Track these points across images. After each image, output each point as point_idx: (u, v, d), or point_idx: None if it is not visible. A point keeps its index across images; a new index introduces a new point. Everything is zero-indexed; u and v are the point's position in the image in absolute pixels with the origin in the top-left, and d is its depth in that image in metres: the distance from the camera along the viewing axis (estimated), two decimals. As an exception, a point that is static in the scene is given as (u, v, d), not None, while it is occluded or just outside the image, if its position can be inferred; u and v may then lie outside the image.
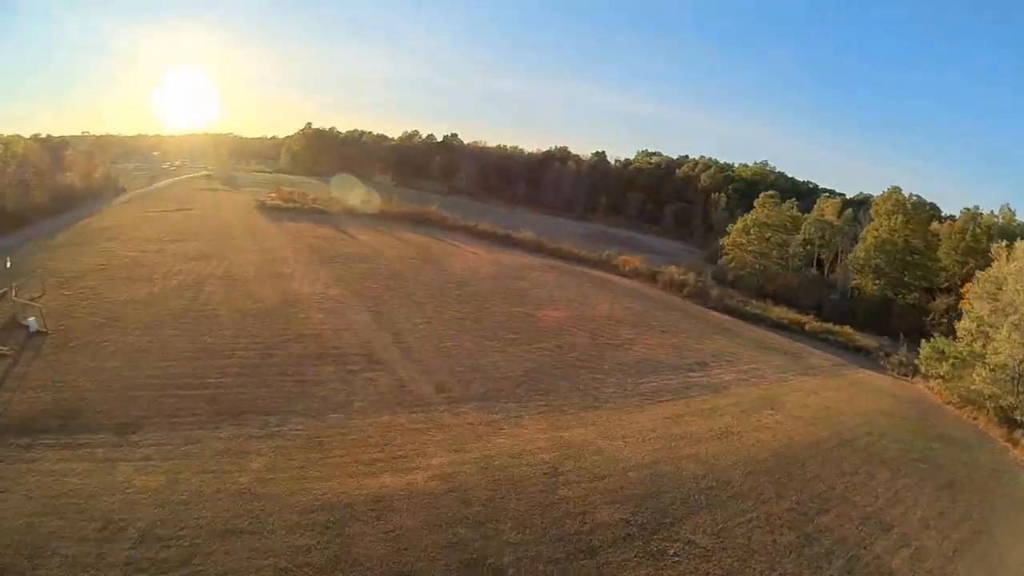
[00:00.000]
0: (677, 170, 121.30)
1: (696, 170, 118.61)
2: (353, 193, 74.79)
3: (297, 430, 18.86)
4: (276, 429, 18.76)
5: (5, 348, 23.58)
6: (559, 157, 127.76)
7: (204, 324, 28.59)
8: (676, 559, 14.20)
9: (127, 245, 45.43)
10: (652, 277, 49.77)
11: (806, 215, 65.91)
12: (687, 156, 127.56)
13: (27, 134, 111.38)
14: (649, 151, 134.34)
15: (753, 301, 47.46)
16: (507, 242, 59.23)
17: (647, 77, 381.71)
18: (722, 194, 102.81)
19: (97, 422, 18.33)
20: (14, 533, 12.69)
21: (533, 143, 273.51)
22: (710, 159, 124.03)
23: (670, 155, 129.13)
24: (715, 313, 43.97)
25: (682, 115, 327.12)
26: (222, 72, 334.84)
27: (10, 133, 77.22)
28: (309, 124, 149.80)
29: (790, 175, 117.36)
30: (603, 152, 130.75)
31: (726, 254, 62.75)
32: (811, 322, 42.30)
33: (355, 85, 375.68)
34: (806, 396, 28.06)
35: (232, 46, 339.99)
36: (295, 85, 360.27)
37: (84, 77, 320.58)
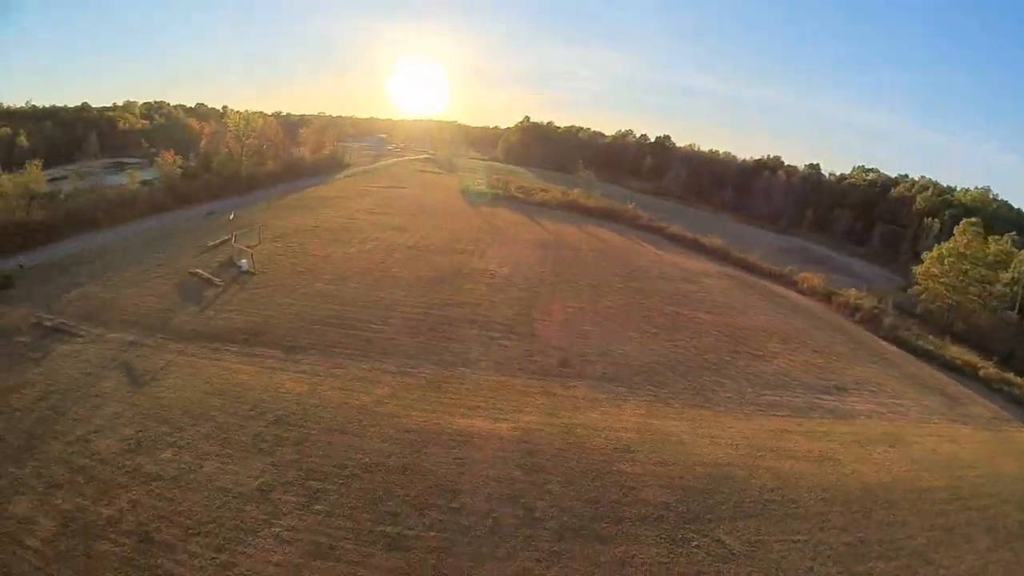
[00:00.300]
0: (892, 189, 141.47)
1: (912, 191, 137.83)
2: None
3: (425, 373, 25.97)
4: (408, 370, 26.12)
5: (219, 280, 37.48)
6: (770, 166, 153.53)
7: (383, 282, 39.48)
8: (695, 551, 17.28)
9: (338, 212, 64.20)
10: (828, 297, 59.27)
11: (1022, 251, 74.45)
12: (906, 175, 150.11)
13: (269, 111, 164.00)
14: (866, 167, 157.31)
15: (930, 336, 54.77)
16: (694, 246, 71.78)
17: (874, 86, 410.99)
18: (936, 219, 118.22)
19: (272, 342, 28.53)
20: (188, 403, 22.08)
21: (746, 149, 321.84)
22: (928, 180, 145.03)
23: (888, 173, 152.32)
24: (883, 342, 49.53)
25: (906, 129, 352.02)
26: (453, 64, 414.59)
27: (255, 110, 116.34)
28: (527, 118, 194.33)
29: (1015, 205, 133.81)
30: (817, 164, 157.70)
31: (917, 283, 72.06)
32: (988, 368, 47.39)
33: (578, 82, 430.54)
34: (941, 442, 30.44)
35: (464, 40, 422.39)
36: (520, 80, 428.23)
37: (327, 62, 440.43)
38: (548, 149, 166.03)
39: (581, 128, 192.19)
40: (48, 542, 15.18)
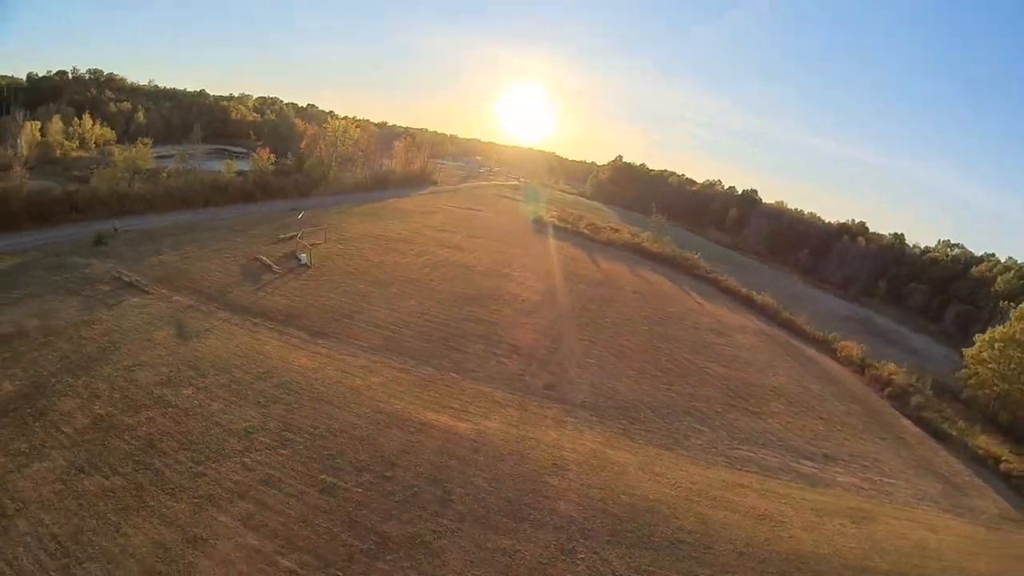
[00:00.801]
0: (973, 267, 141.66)
1: (993, 271, 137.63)
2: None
3: (420, 373, 30.36)
4: (407, 368, 30.62)
5: (277, 268, 44.13)
6: (853, 231, 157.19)
7: (419, 292, 44.59)
8: (578, 562, 19.71)
9: (407, 225, 70.64)
10: (862, 368, 59.93)
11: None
12: (992, 254, 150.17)
13: (377, 120, 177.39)
14: (951, 241, 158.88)
15: (960, 422, 53.70)
16: (745, 302, 75.16)
17: (975, 161, 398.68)
18: (1011, 303, 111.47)
19: (303, 325, 34.04)
20: (216, 358, 27.67)
21: (835, 211, 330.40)
22: (1013, 261, 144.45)
23: (972, 250, 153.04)
24: (904, 421, 49.77)
25: (1002, 208, 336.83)
26: (562, 95, 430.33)
27: (362, 117, 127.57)
28: (620, 157, 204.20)
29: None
30: (902, 235, 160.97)
31: (966, 367, 70.78)
32: (1011, 461, 46.40)
33: (684, 126, 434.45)
34: (914, 528, 30.22)
35: (579, 73, 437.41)
36: (627, 118, 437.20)
37: (443, 81, 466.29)
38: (635, 190, 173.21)
39: (672, 173, 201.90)
40: (79, 431, 21.01)
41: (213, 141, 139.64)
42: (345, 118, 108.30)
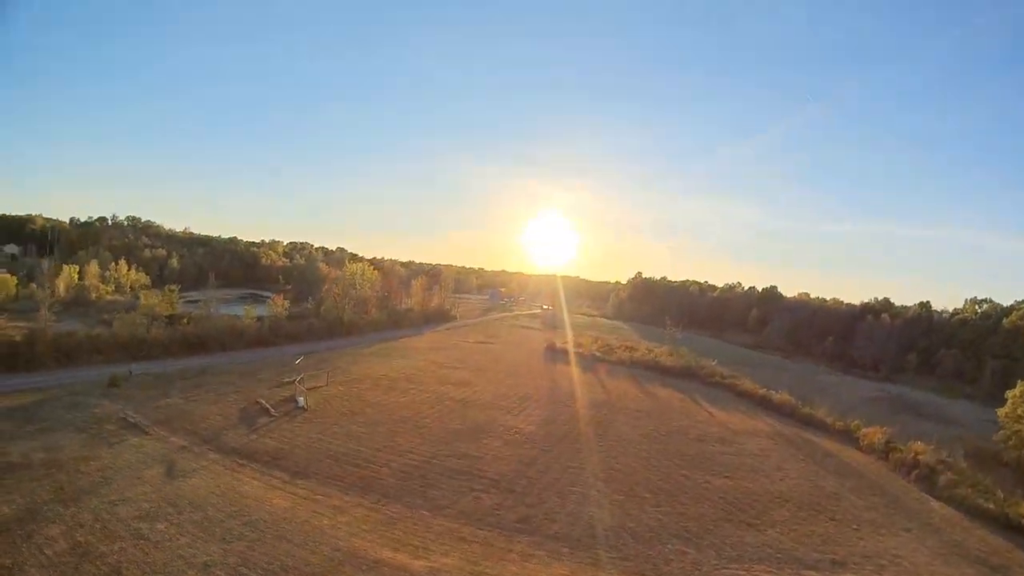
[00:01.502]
0: (1004, 319, 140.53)
1: None
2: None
3: (390, 511, 32.28)
4: (379, 506, 32.66)
5: (275, 411, 48.07)
6: (876, 309, 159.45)
7: (411, 430, 47.49)
8: None
9: (414, 363, 74.99)
10: (886, 453, 58.31)
11: None
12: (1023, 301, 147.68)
13: (405, 259, 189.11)
14: (978, 298, 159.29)
15: (999, 492, 50.79)
16: (760, 403, 75.17)
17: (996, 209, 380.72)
18: None
19: (286, 466, 36.92)
20: (195, 496, 30.60)
21: (858, 290, 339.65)
22: None
23: (1001, 302, 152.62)
24: (934, 503, 48.20)
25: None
26: (584, 218, 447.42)
27: (391, 256, 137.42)
28: (639, 274, 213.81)
29: None
30: (928, 303, 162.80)
31: (1003, 427, 70.74)
32: None
33: (701, 232, 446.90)
34: None
35: (598, 196, 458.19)
36: (649, 231, 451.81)
37: (469, 214, 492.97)
38: (655, 304, 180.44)
39: (693, 282, 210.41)
40: (58, 554, 24.10)
41: (245, 286, 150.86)
42: (362, 261, 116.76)
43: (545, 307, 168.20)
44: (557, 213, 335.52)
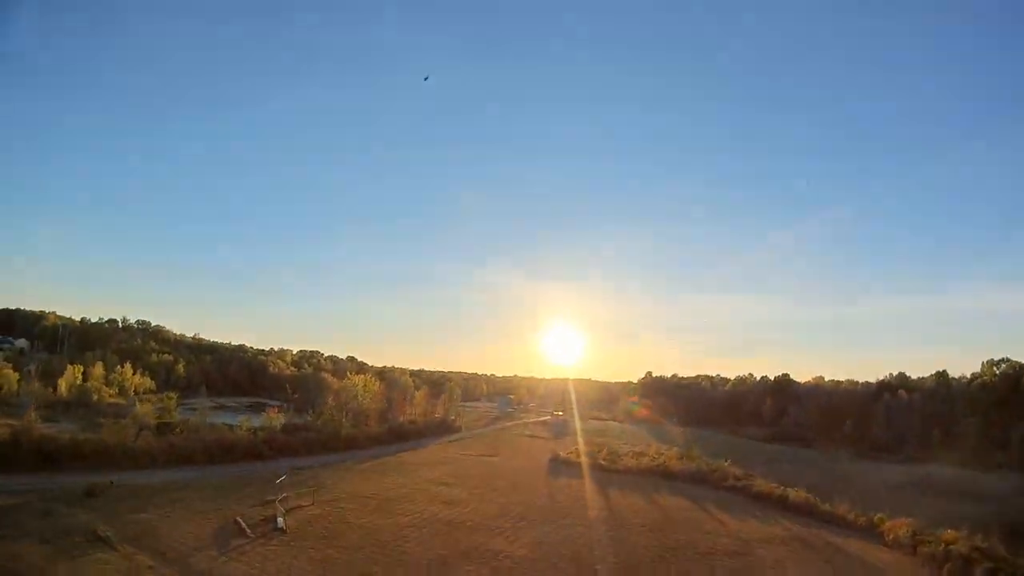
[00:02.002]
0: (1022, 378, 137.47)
1: None
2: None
3: None
4: None
5: (251, 533, 46.62)
6: (892, 386, 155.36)
7: (390, 557, 45.38)
8: None
9: (407, 480, 73.04)
10: (914, 547, 55.90)
11: None
12: None
13: (416, 367, 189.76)
14: (995, 359, 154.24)
15: None
16: (778, 504, 72.54)
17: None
18: None
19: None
20: None
21: (874, 369, 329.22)
22: None
23: (1020, 359, 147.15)
24: None
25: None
26: (597, 319, 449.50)
27: (393, 365, 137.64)
28: (648, 373, 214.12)
29: None
30: (944, 372, 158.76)
31: None
32: None
33: (711, 323, 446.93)
34: None
35: (610, 297, 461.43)
36: (662, 328, 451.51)
37: (481, 320, 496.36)
38: (667, 403, 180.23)
39: (704, 377, 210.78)
40: None
41: (252, 393, 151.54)
42: (369, 371, 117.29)
43: (556, 413, 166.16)
44: (567, 315, 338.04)
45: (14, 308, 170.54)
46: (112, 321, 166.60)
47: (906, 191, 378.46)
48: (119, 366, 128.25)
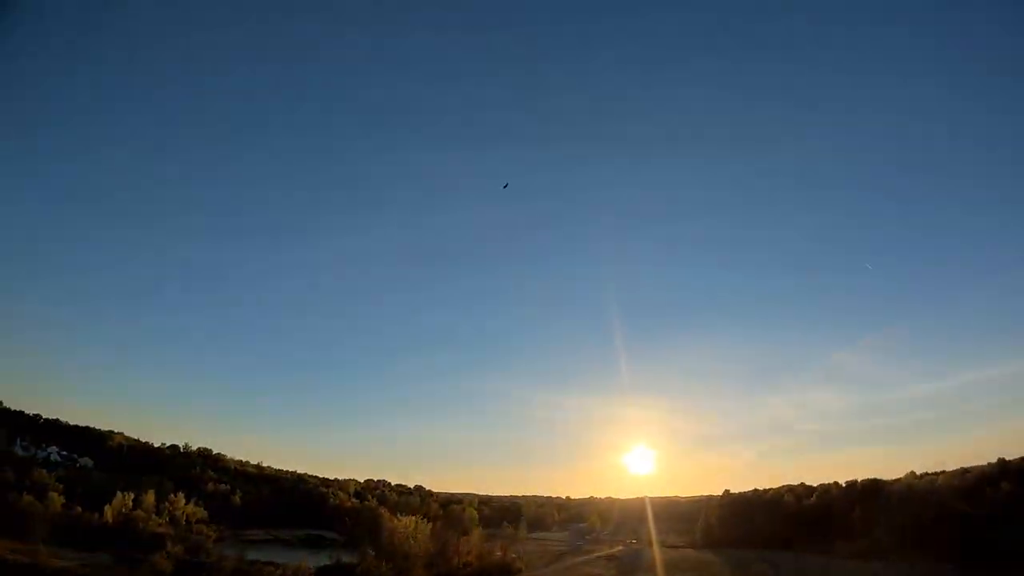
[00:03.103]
0: None
1: None
2: None
3: None
4: None
5: None
6: (1011, 469, 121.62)
7: None
8: None
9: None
10: None
11: None
12: None
13: (482, 492, 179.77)
14: None
15: None
16: None
17: None
18: None
19: None
20: None
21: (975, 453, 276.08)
22: None
23: None
24: None
25: None
26: (673, 429, 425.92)
27: (469, 491, 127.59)
28: (727, 491, 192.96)
29: None
30: None
31: None
32: None
33: (791, 429, 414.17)
34: None
35: (685, 406, 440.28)
36: (740, 437, 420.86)
37: (550, 441, 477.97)
38: (747, 523, 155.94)
39: (786, 487, 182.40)
40: None
41: (312, 525, 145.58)
42: (416, 516, 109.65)
43: (630, 542, 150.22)
44: (643, 428, 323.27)
45: (84, 426, 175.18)
46: (173, 447, 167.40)
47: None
48: (173, 494, 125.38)
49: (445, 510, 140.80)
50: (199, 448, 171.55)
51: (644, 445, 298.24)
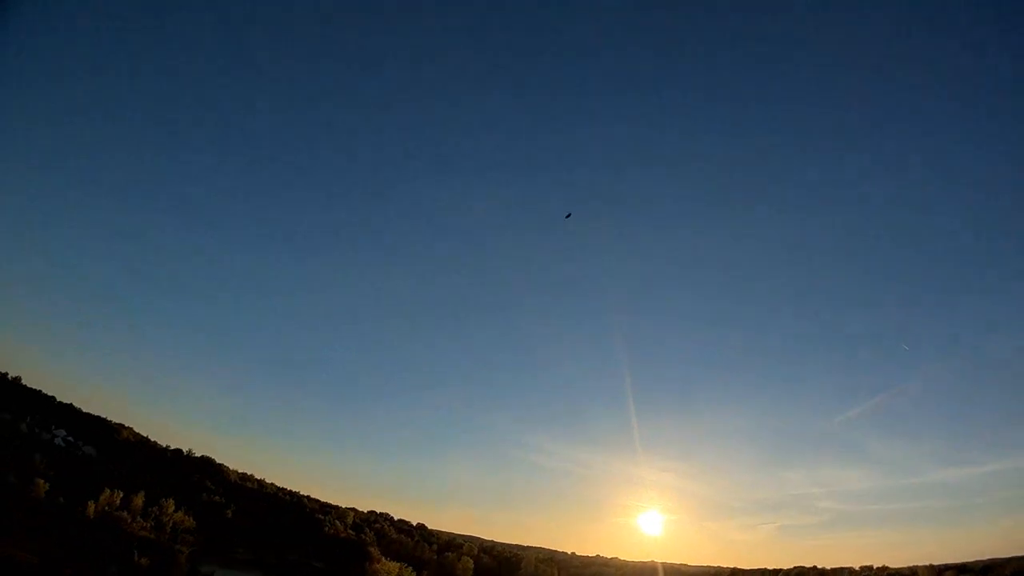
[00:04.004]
0: None
1: None
2: None
3: None
4: None
5: None
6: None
7: None
8: None
9: None
10: None
11: None
12: None
13: (488, 536, 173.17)
14: None
15: None
16: None
17: None
18: None
19: None
20: None
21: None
22: None
23: None
24: None
25: None
26: (688, 495, 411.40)
27: (467, 535, 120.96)
28: (734, 570, 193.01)
29: None
30: None
31: None
32: None
33: (806, 505, 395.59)
34: None
35: (702, 472, 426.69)
36: (751, 508, 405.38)
37: (563, 491, 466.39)
38: None
39: (799, 567, 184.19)
40: None
41: (304, 551, 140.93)
42: (401, 563, 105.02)
43: None
44: (657, 491, 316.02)
45: (97, 415, 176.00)
46: (177, 451, 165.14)
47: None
48: (164, 499, 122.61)
49: (440, 557, 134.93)
50: (202, 456, 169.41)
51: (658, 509, 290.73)
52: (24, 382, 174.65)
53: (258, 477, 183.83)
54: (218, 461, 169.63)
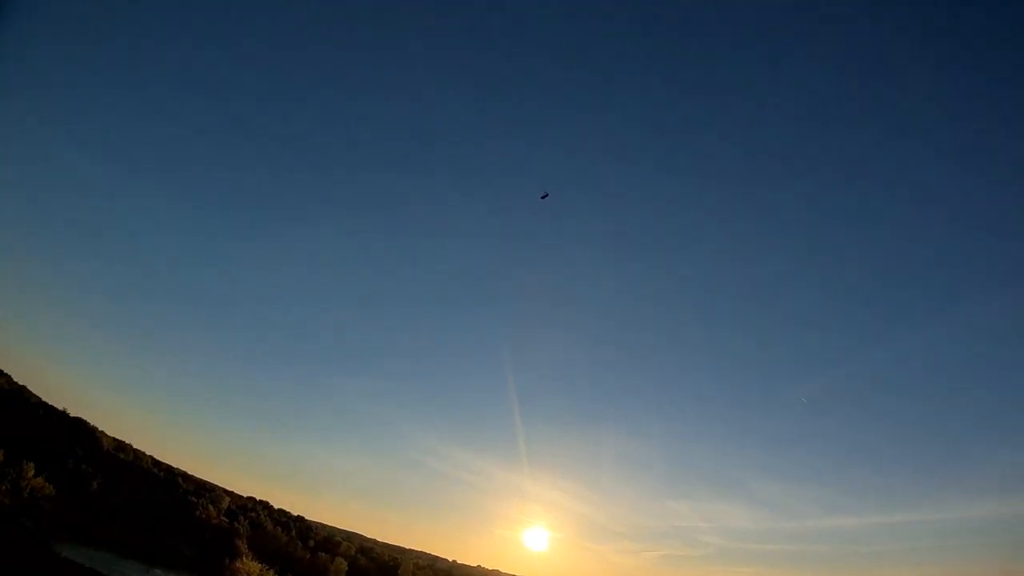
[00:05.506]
0: None
1: None
2: None
3: None
4: None
5: None
6: None
7: None
8: None
9: None
10: None
11: None
12: None
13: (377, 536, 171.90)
14: None
15: None
16: None
17: None
18: None
19: None
20: None
21: None
22: None
23: None
24: None
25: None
26: (575, 515, 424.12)
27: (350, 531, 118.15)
28: None
29: None
30: None
31: None
32: None
33: (691, 538, 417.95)
34: None
35: (590, 493, 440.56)
36: (634, 535, 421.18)
37: (452, 497, 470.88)
38: None
39: None
40: None
41: (177, 532, 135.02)
42: (262, 564, 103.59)
43: None
44: (545, 508, 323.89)
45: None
46: (48, 407, 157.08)
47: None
48: (26, 461, 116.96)
49: (313, 556, 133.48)
50: (76, 417, 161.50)
51: (544, 525, 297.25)
52: None
53: (136, 447, 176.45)
54: (91, 424, 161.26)
